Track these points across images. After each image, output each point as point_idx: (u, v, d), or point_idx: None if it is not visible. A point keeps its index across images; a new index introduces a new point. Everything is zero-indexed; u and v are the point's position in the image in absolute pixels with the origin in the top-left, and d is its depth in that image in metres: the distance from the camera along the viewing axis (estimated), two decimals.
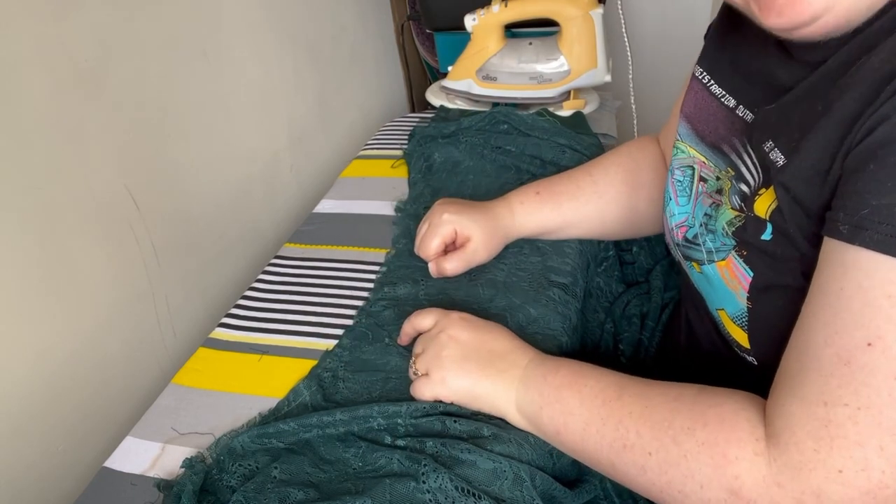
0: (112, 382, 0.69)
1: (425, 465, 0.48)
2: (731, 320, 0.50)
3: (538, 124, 0.94)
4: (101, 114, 0.65)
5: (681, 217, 0.56)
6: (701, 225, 0.53)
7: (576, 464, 0.57)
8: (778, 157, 0.45)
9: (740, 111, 0.52)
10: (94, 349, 0.67)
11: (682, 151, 0.58)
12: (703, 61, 0.59)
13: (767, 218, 0.45)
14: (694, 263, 0.54)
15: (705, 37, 0.62)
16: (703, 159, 0.56)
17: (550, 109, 1.02)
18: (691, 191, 0.56)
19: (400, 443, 0.52)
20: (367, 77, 1.30)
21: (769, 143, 0.46)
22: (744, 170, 0.49)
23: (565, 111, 1.03)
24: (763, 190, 0.46)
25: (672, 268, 0.79)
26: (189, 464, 0.53)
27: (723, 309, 0.51)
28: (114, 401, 0.69)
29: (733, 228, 0.48)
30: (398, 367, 0.61)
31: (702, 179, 0.55)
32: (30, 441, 0.60)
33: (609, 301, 0.75)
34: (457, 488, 0.47)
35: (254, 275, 0.80)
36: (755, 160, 0.48)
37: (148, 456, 0.56)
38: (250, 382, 0.62)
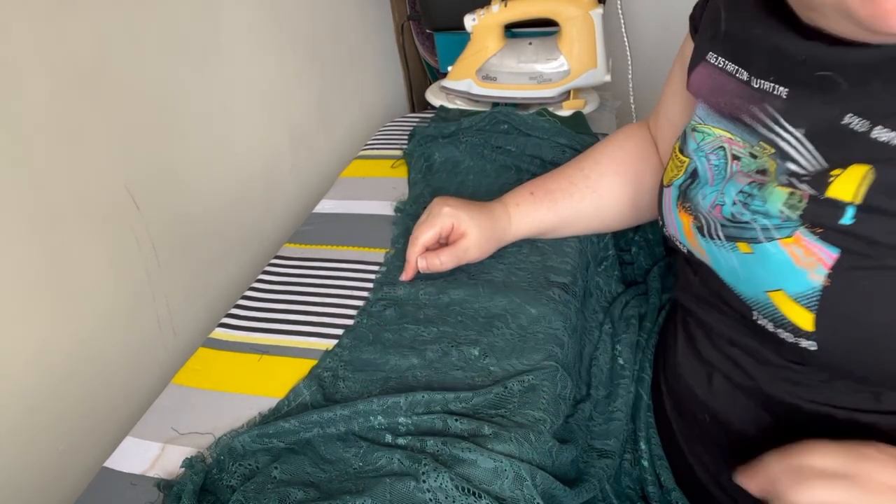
0: (112, 382, 0.69)
1: (425, 465, 0.48)
2: (794, 300, 0.46)
3: (538, 124, 0.94)
4: (101, 114, 0.65)
5: (712, 196, 0.54)
6: (735, 203, 0.51)
7: (576, 463, 0.57)
8: (868, 129, 0.42)
9: (755, 83, 0.51)
10: (94, 349, 0.67)
11: (708, 134, 0.56)
12: (711, 47, 0.57)
13: (856, 201, 0.42)
14: (740, 244, 0.50)
15: (692, 18, 0.61)
16: (728, 135, 0.54)
17: (550, 109, 1.02)
18: (726, 171, 0.54)
19: (400, 441, 0.53)
20: (367, 77, 1.30)
21: (850, 118, 0.43)
22: (785, 145, 0.47)
23: (565, 111, 1.03)
24: (838, 171, 0.43)
25: (669, 270, 0.79)
26: (189, 463, 0.53)
27: (780, 290, 0.47)
28: (114, 401, 0.69)
29: (799, 212, 0.46)
30: (398, 366, 0.61)
31: (735, 157, 0.53)
32: (30, 441, 0.60)
33: (608, 301, 0.75)
34: (457, 487, 0.47)
35: (254, 275, 0.80)
36: (801, 134, 0.46)
37: (148, 456, 0.56)
38: (250, 382, 0.62)
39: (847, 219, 0.43)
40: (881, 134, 0.42)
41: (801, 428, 0.50)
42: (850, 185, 0.43)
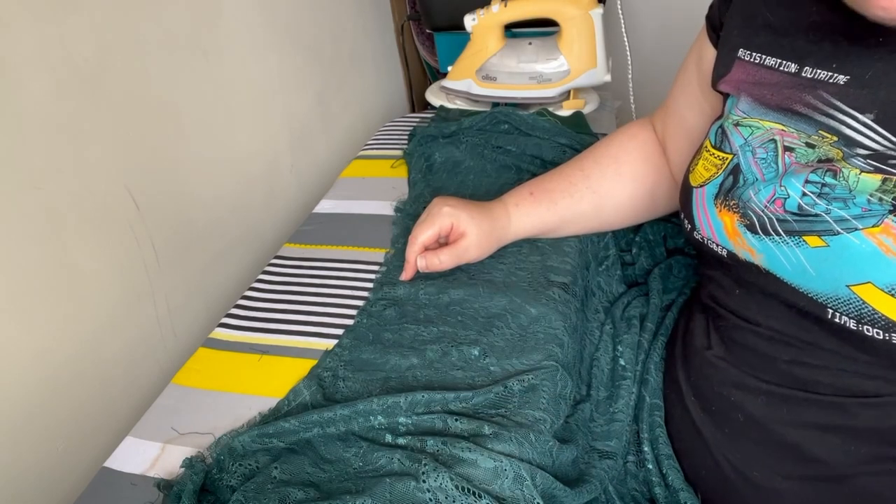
0: (112, 382, 0.69)
1: (425, 465, 0.48)
2: (886, 292, 0.44)
3: (539, 124, 0.94)
4: (101, 114, 0.65)
5: (768, 191, 0.52)
6: (806, 195, 0.49)
7: (576, 463, 0.57)
8: None
9: (807, 72, 0.50)
10: (94, 349, 0.67)
11: (757, 128, 0.54)
12: (743, 44, 0.56)
13: None
14: (808, 238, 0.48)
15: (709, 18, 0.60)
16: (780, 127, 0.52)
17: (550, 109, 1.02)
18: (777, 164, 0.52)
19: (401, 441, 0.52)
20: (367, 77, 1.30)
21: None
22: (851, 132, 0.46)
23: (565, 111, 1.03)
24: None
25: (671, 271, 0.78)
26: (189, 463, 0.53)
27: (868, 282, 0.45)
28: (114, 401, 0.69)
29: (892, 197, 0.44)
30: (398, 366, 0.61)
31: (787, 149, 0.51)
32: (30, 441, 0.60)
33: (609, 301, 0.75)
34: (457, 487, 0.47)
35: (254, 275, 0.80)
36: (870, 120, 0.45)
37: (148, 456, 0.56)
38: (250, 382, 0.62)
39: None
40: None
41: (868, 437, 0.48)
42: None
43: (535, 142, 0.91)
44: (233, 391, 0.61)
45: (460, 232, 0.68)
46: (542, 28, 1.07)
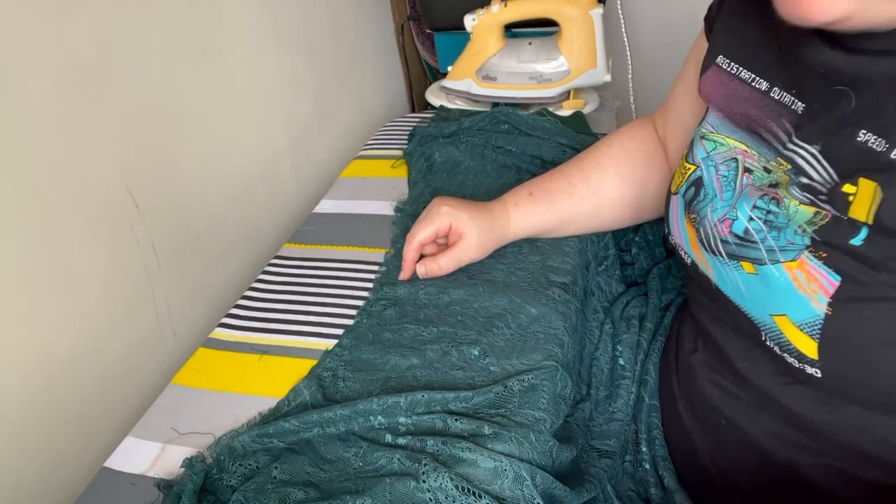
0: (112, 382, 0.69)
1: (425, 465, 0.48)
2: (797, 327, 0.45)
3: (539, 124, 0.94)
4: (101, 114, 0.65)
5: (722, 210, 0.52)
6: (752, 220, 0.49)
7: (576, 463, 0.57)
8: (886, 149, 0.41)
9: (776, 94, 0.50)
10: (94, 349, 0.67)
11: (721, 144, 0.54)
12: (723, 51, 0.56)
13: (868, 221, 0.41)
14: (744, 263, 0.49)
15: (707, 20, 0.60)
16: (744, 147, 0.52)
17: (550, 109, 1.02)
18: (736, 184, 0.52)
19: (401, 441, 0.53)
20: (367, 77, 1.30)
21: (865, 135, 0.42)
22: (802, 162, 0.46)
23: (565, 111, 1.03)
24: (849, 186, 0.42)
25: (669, 271, 0.78)
26: (189, 463, 0.53)
27: (783, 315, 0.46)
28: (114, 401, 0.69)
29: (815, 227, 0.44)
30: (398, 366, 0.61)
31: (747, 170, 0.51)
32: (30, 441, 0.60)
33: (609, 301, 0.75)
34: (457, 487, 0.47)
35: (254, 275, 0.80)
36: (817, 151, 0.45)
37: (148, 456, 0.56)
38: (250, 382, 0.62)
39: (858, 239, 0.41)
40: (876, 143, 0.41)
41: (818, 443, 0.49)
42: (865, 204, 0.41)
43: (535, 142, 0.91)
44: (233, 391, 0.61)
45: (459, 233, 0.68)
46: (542, 28, 1.07)
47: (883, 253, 0.40)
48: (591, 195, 0.71)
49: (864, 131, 0.42)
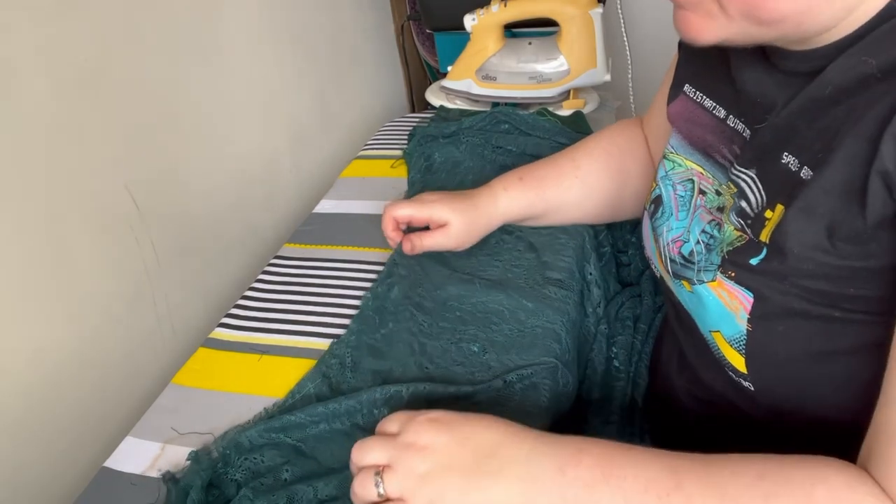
0: (112, 382, 0.69)
1: None
2: (728, 343, 0.47)
3: (539, 124, 0.94)
4: (101, 114, 0.66)
5: (677, 231, 0.54)
6: (699, 243, 0.50)
7: None
8: (798, 169, 0.42)
9: (731, 121, 0.51)
10: (94, 349, 0.67)
11: (679, 165, 0.56)
12: (689, 79, 0.58)
13: (767, 241, 0.42)
14: (685, 282, 0.51)
15: (679, 43, 0.61)
16: (700, 170, 0.54)
17: (550, 109, 1.02)
18: (691, 205, 0.54)
19: None
20: (367, 77, 1.30)
21: (787, 157, 0.43)
22: (744, 186, 0.47)
23: (565, 111, 1.03)
24: (769, 212, 0.43)
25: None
26: (195, 457, 0.53)
27: (718, 331, 0.48)
28: (114, 401, 0.69)
29: (730, 249, 0.46)
30: (399, 364, 0.61)
31: (701, 192, 0.53)
32: (30, 441, 0.60)
33: (605, 299, 0.75)
34: None
35: (254, 275, 0.80)
36: (755, 176, 0.46)
37: (148, 456, 0.56)
38: (250, 382, 0.62)
39: (756, 259, 0.43)
40: (792, 165, 0.42)
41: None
42: (771, 226, 0.43)
43: (535, 142, 0.91)
44: (233, 391, 0.61)
45: (441, 222, 0.70)
46: (541, 28, 1.07)
47: (777, 270, 0.42)
48: (580, 184, 0.72)
49: (786, 153, 0.43)
